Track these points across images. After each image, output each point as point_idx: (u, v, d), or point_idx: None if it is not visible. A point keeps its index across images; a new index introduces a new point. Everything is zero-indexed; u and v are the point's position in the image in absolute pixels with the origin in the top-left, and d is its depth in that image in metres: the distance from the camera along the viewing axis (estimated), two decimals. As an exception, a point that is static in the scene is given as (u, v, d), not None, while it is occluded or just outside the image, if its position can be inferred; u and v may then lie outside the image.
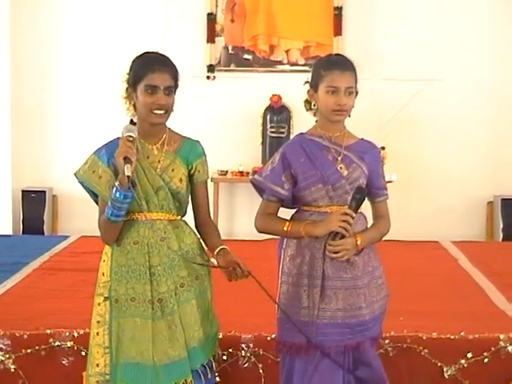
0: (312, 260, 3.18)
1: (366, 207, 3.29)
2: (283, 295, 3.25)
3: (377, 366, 3.29)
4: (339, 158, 3.20)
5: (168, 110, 3.14)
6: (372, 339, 3.28)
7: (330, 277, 3.16)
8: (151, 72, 3.09)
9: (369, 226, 3.30)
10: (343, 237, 3.12)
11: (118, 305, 3.14)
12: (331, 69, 3.17)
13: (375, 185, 3.28)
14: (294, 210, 3.33)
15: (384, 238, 3.34)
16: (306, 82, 3.30)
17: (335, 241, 3.12)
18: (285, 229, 3.22)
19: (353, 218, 3.11)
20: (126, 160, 2.98)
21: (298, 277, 3.21)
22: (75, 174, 3.22)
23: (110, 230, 3.12)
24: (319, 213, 3.19)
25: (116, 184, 3.02)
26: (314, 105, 3.26)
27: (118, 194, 3.01)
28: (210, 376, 3.20)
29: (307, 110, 3.32)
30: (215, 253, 3.18)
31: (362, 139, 3.31)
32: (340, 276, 3.17)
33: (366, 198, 3.28)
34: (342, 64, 3.20)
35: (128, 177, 2.97)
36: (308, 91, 3.28)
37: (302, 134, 3.31)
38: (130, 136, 3.03)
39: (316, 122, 3.30)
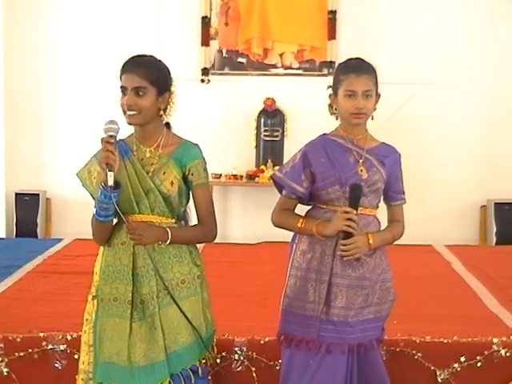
0: (322, 256, 3.21)
1: (382, 211, 3.32)
2: (290, 288, 3.28)
3: (381, 369, 3.32)
4: (360, 161, 3.23)
5: (141, 111, 3.10)
6: (376, 341, 3.31)
7: (338, 274, 3.19)
8: (122, 73, 3.12)
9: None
10: (351, 236, 3.14)
11: (103, 304, 3.16)
12: (348, 73, 3.20)
13: (393, 188, 3.32)
14: (309, 207, 3.36)
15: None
16: (329, 87, 3.32)
17: (346, 240, 3.14)
18: (298, 225, 3.25)
19: (356, 214, 3.13)
20: (108, 166, 2.98)
21: (306, 271, 3.24)
22: (77, 174, 3.25)
23: (99, 230, 3.15)
24: (334, 211, 3.21)
25: (101, 185, 3.03)
26: (336, 109, 3.27)
27: (102, 196, 3.03)
28: (193, 381, 3.17)
29: (331, 114, 3.33)
30: None
31: (384, 143, 3.34)
32: (348, 274, 3.20)
33: (383, 201, 3.33)
34: (358, 68, 3.22)
35: (110, 186, 2.98)
36: (329, 95, 3.31)
37: (324, 134, 3.34)
38: (111, 136, 3.01)
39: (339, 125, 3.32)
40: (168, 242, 3.12)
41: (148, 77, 3.10)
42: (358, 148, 3.25)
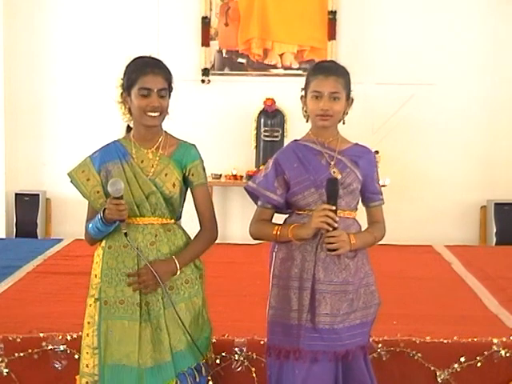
0: (303, 262, 3.15)
1: (361, 212, 3.29)
2: (273, 298, 3.22)
3: (365, 377, 3.23)
4: (332, 163, 3.19)
5: (162, 112, 3.14)
6: (361, 348, 3.22)
7: (321, 280, 3.13)
8: (144, 75, 3.11)
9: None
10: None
11: (107, 306, 3.16)
12: (316, 74, 3.18)
13: (370, 189, 3.27)
14: (287, 215, 3.30)
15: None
16: (303, 89, 3.29)
17: (331, 232, 3.05)
18: (274, 233, 3.19)
19: (335, 211, 3.05)
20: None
21: (288, 280, 3.18)
22: (68, 174, 3.25)
23: (92, 239, 3.23)
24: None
25: (100, 216, 3.08)
26: (306, 111, 3.25)
27: (100, 227, 3.12)
28: (198, 379, 3.19)
29: (304, 117, 3.29)
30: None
31: (357, 144, 3.29)
32: (331, 280, 3.14)
33: (361, 204, 3.28)
34: (327, 69, 3.19)
35: (125, 233, 3.08)
36: (301, 97, 3.28)
37: (295, 140, 3.30)
38: (118, 198, 3.03)
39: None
40: (178, 272, 3.15)
41: (167, 78, 3.16)
42: (329, 150, 3.20)
